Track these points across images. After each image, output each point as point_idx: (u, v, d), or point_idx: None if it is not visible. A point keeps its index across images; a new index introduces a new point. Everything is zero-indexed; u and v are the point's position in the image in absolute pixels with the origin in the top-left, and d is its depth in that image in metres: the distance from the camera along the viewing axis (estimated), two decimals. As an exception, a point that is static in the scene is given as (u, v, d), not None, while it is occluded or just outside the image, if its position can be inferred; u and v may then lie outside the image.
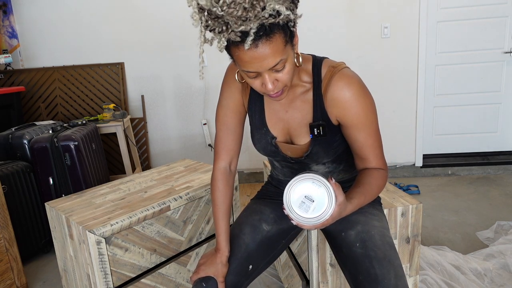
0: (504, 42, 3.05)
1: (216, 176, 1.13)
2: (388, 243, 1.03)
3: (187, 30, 3.12)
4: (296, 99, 1.04)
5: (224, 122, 1.11)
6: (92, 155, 2.42)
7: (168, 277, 1.48)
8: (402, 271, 0.98)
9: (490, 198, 2.67)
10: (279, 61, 0.83)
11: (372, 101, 1.00)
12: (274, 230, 1.16)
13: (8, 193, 2.00)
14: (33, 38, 3.21)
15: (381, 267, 0.97)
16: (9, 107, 2.80)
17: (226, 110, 1.11)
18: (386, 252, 1.00)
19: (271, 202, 1.24)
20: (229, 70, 1.11)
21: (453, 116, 3.24)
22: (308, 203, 0.83)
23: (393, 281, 0.95)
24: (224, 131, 1.11)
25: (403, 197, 1.39)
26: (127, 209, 1.38)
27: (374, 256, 0.99)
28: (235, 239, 1.12)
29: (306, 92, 1.02)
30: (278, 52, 0.81)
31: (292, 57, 0.88)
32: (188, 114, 3.30)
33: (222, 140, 1.12)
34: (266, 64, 0.82)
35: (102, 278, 1.28)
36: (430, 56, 3.11)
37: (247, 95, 1.10)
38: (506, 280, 1.72)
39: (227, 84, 1.11)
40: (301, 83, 1.02)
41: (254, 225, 1.15)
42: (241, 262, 1.08)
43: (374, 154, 1.03)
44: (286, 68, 0.86)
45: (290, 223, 1.19)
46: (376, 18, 3.00)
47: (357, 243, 1.03)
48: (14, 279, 1.78)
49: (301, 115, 1.04)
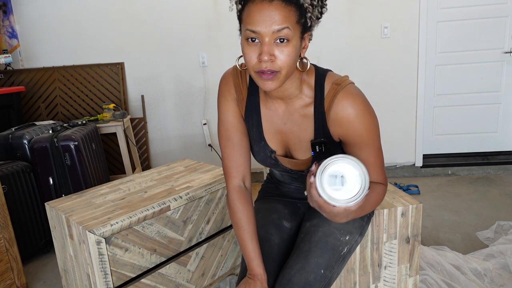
0: (504, 42, 3.05)
1: (232, 197, 1.05)
2: (326, 242, 1.01)
3: (187, 30, 3.13)
4: (295, 112, 1.00)
5: (228, 137, 1.05)
6: (92, 155, 2.42)
7: (168, 277, 1.48)
8: (315, 268, 0.96)
9: (490, 198, 2.67)
10: (285, 27, 0.81)
11: (376, 120, 0.97)
12: (294, 227, 1.16)
13: (8, 193, 2.00)
14: (33, 38, 3.20)
15: (295, 259, 0.98)
16: (9, 107, 2.80)
17: (227, 125, 1.05)
18: (312, 249, 0.99)
19: (278, 200, 1.23)
20: (222, 82, 1.07)
21: (453, 116, 3.24)
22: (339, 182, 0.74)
23: (293, 272, 0.95)
24: (230, 147, 1.05)
25: (403, 197, 1.39)
26: (127, 209, 1.38)
27: (300, 247, 1.00)
28: (265, 241, 1.07)
29: (306, 106, 0.99)
30: (288, 20, 0.81)
31: (297, 45, 0.86)
32: (188, 114, 3.30)
33: (229, 157, 1.05)
34: (271, 24, 0.81)
35: (102, 278, 1.28)
36: (430, 56, 3.11)
37: (243, 108, 1.05)
38: (506, 280, 1.72)
39: (223, 97, 1.06)
40: (301, 96, 0.98)
41: (277, 224, 1.12)
42: (279, 263, 1.06)
43: (375, 171, 1.01)
44: (287, 48, 0.84)
45: (300, 213, 1.18)
46: (376, 18, 3.00)
47: (302, 234, 1.04)
48: (14, 279, 1.78)
49: (300, 129, 1.01)
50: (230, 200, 1.06)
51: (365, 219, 1.16)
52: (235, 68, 1.05)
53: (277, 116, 1.02)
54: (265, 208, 1.18)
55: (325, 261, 0.99)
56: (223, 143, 1.06)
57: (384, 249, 1.32)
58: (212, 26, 3.11)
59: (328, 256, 1.00)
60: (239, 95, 1.04)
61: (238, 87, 1.04)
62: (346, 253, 1.06)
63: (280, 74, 0.86)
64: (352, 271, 1.32)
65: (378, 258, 1.33)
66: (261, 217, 1.15)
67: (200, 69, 3.20)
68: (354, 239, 1.08)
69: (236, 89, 1.04)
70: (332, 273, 1.02)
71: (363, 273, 1.33)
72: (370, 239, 1.31)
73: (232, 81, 1.05)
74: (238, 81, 1.04)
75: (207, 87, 3.23)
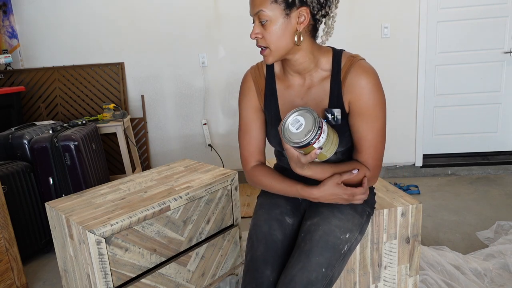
0: (504, 42, 3.05)
1: (251, 173, 1.17)
2: (326, 241, 1.02)
3: (187, 30, 3.13)
4: (314, 87, 1.09)
5: (245, 131, 1.18)
6: (92, 155, 2.42)
7: (168, 277, 1.48)
8: (316, 267, 0.98)
9: (490, 198, 2.67)
10: (259, 11, 0.97)
11: (384, 100, 1.04)
12: (296, 223, 1.17)
13: (8, 193, 2.00)
14: (33, 38, 3.21)
15: (297, 258, 0.99)
16: (9, 107, 2.80)
17: (245, 120, 1.18)
18: (313, 248, 1.00)
19: (281, 195, 1.23)
20: (242, 82, 1.19)
21: (453, 116, 3.24)
22: (298, 124, 0.93)
23: (295, 271, 0.96)
24: (247, 140, 1.18)
25: (403, 197, 1.39)
26: (127, 209, 1.38)
27: (301, 247, 1.01)
28: (268, 236, 1.10)
29: (323, 79, 1.07)
30: (261, 3, 0.96)
31: (282, 22, 0.97)
32: (188, 114, 3.30)
33: (246, 148, 1.18)
34: (252, 8, 0.99)
35: (102, 278, 1.28)
36: (430, 56, 3.11)
37: (262, 96, 1.15)
38: (506, 280, 1.72)
39: (242, 95, 1.18)
40: (318, 69, 1.07)
41: (279, 219, 1.14)
42: (283, 259, 1.08)
43: (369, 152, 1.05)
44: (269, 27, 0.98)
45: (301, 208, 1.20)
46: (376, 18, 3.00)
47: (302, 233, 1.06)
48: (14, 279, 1.78)
49: (316, 103, 1.08)
50: (250, 175, 1.18)
51: (364, 217, 1.16)
52: (254, 65, 1.19)
53: (294, 93, 1.11)
54: (268, 203, 1.20)
55: (326, 260, 1.00)
56: (241, 135, 1.19)
57: (384, 249, 1.32)
58: (212, 26, 3.11)
59: (329, 254, 1.01)
60: (258, 87, 1.16)
61: (256, 80, 1.16)
62: (347, 251, 1.07)
63: (270, 49, 1.01)
64: (352, 271, 1.32)
65: (378, 258, 1.33)
66: (264, 212, 1.18)
67: (200, 69, 3.20)
68: (354, 237, 1.09)
69: (255, 81, 1.16)
70: (334, 272, 1.02)
71: (363, 273, 1.33)
72: (370, 239, 1.31)
73: (250, 76, 1.17)
74: (256, 74, 1.17)
75: (207, 87, 3.23)
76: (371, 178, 1.09)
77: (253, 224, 1.15)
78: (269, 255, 1.06)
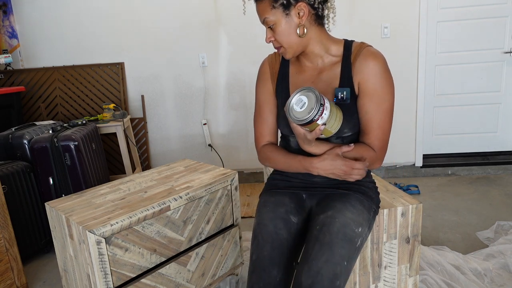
0: (504, 42, 3.05)
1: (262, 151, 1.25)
2: (345, 233, 1.03)
3: (187, 30, 3.13)
4: (325, 71, 1.16)
5: (259, 114, 1.27)
6: (92, 155, 2.42)
7: (168, 277, 1.48)
8: (340, 260, 0.98)
9: (490, 198, 2.67)
10: (264, 18, 1.10)
11: (392, 82, 1.12)
12: (300, 222, 1.17)
13: (8, 193, 2.00)
14: (33, 38, 3.21)
15: (318, 250, 0.99)
16: (9, 107, 2.80)
17: (259, 103, 1.27)
18: (333, 239, 1.01)
19: (284, 193, 1.24)
20: (259, 68, 1.29)
21: (453, 116, 3.24)
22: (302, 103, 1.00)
23: (321, 264, 0.96)
24: (260, 122, 1.27)
25: (403, 197, 1.39)
26: (127, 209, 1.38)
27: (321, 239, 1.01)
28: (274, 236, 1.10)
29: (333, 64, 1.15)
30: (264, 11, 1.09)
31: (286, 22, 1.08)
32: (188, 114, 3.30)
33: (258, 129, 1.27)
34: (259, 18, 1.12)
35: (102, 278, 1.28)
36: (430, 56, 3.11)
37: (275, 80, 1.24)
38: (506, 280, 1.72)
39: (258, 80, 1.28)
40: (328, 55, 1.16)
41: (284, 218, 1.14)
42: (289, 258, 1.08)
43: (376, 133, 1.10)
44: (276, 29, 1.10)
45: (306, 207, 1.21)
46: (376, 18, 3.00)
47: (318, 225, 1.06)
48: (14, 279, 1.78)
49: (326, 85, 1.15)
50: (261, 153, 1.26)
51: (371, 213, 1.17)
52: (272, 53, 1.30)
53: (305, 77, 1.19)
54: (273, 201, 1.20)
55: (346, 252, 1.01)
56: (255, 118, 1.29)
57: (384, 249, 1.32)
58: (212, 26, 3.11)
59: (349, 247, 1.02)
60: (272, 71, 1.25)
61: (272, 64, 1.26)
62: (359, 246, 1.08)
63: (284, 48, 1.13)
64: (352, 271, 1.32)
65: (378, 258, 1.33)
66: (269, 211, 1.17)
67: (200, 69, 3.20)
68: (364, 232, 1.10)
69: (270, 66, 1.26)
70: (352, 265, 1.04)
71: (363, 273, 1.33)
72: (370, 239, 1.31)
73: (267, 61, 1.28)
74: (272, 59, 1.27)
75: (207, 87, 3.23)
76: (377, 160, 1.12)
77: (258, 223, 1.15)
78: (276, 255, 1.06)
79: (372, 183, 1.25)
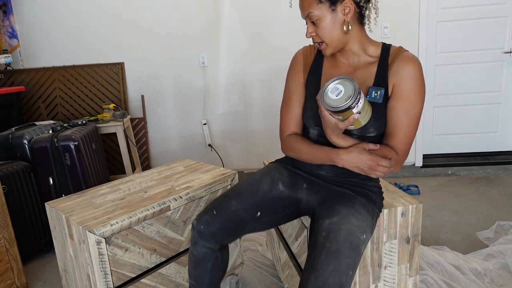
0: (504, 42, 3.05)
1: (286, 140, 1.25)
2: (351, 241, 1.03)
3: (187, 30, 3.13)
4: (359, 69, 1.17)
5: (287, 103, 1.27)
6: (92, 155, 2.42)
7: (168, 277, 1.48)
8: (346, 270, 0.98)
9: (490, 198, 2.67)
10: (309, 13, 1.11)
11: (424, 90, 1.12)
12: (286, 194, 1.23)
13: (8, 193, 2.00)
14: (33, 38, 3.21)
15: (325, 258, 0.98)
16: (9, 107, 2.80)
17: (289, 92, 1.27)
18: (340, 248, 1.00)
19: (287, 168, 1.31)
20: (293, 57, 1.30)
21: (453, 116, 3.24)
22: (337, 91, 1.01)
23: (328, 273, 0.96)
24: (285, 111, 1.27)
25: (403, 197, 1.39)
26: (127, 209, 1.38)
27: (327, 247, 1.01)
28: (256, 183, 1.22)
29: (369, 64, 1.16)
30: (309, 5, 1.10)
31: (331, 18, 1.10)
32: (188, 114, 3.30)
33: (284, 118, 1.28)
34: (303, 12, 1.13)
35: (102, 278, 1.28)
36: (430, 56, 3.11)
37: (307, 71, 1.25)
38: (506, 280, 1.72)
39: (290, 70, 1.29)
40: (365, 55, 1.18)
41: (273, 180, 1.24)
42: (255, 204, 1.16)
43: (402, 137, 1.11)
44: (320, 24, 1.11)
45: (299, 193, 1.25)
46: (376, 18, 2.99)
47: (324, 232, 1.06)
48: (14, 279, 1.78)
49: (360, 82, 1.15)
50: (285, 142, 1.26)
51: (374, 218, 1.17)
52: (308, 45, 1.31)
53: (339, 73, 1.19)
54: (272, 167, 1.31)
55: (352, 261, 1.01)
56: (282, 107, 1.29)
57: (384, 249, 1.32)
58: (212, 26, 3.11)
59: (354, 256, 1.02)
60: (306, 61, 1.26)
61: (306, 55, 1.28)
62: (363, 252, 1.08)
63: (325, 43, 1.14)
64: (352, 271, 1.32)
65: (378, 258, 1.33)
66: (266, 169, 1.30)
67: (200, 69, 3.20)
68: (368, 238, 1.11)
69: (304, 56, 1.27)
70: (355, 273, 1.04)
71: (363, 273, 1.33)
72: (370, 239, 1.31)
73: (301, 52, 1.29)
74: (307, 50, 1.29)
75: (207, 87, 3.23)
76: (397, 164, 1.13)
77: (248, 174, 1.23)
78: (246, 193, 1.16)
79: (378, 188, 1.25)
